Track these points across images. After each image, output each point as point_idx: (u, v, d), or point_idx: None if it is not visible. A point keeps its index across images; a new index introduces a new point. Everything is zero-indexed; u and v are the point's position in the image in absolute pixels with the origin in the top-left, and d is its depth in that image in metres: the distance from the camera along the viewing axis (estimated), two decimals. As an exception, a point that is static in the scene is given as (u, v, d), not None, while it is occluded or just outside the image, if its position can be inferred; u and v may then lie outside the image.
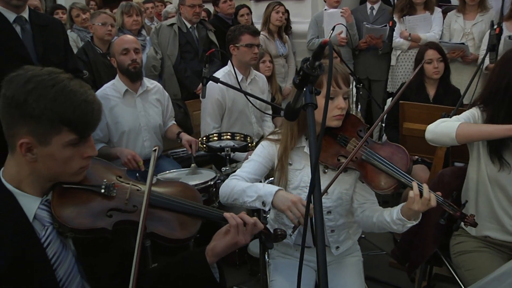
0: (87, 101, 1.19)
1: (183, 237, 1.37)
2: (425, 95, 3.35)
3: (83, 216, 1.23)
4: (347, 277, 1.96)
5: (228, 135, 2.82)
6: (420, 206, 1.63)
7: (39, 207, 1.22)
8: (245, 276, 3.02)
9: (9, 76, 1.17)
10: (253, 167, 1.92)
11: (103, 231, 1.24)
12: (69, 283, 1.25)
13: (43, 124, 1.14)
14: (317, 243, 0.94)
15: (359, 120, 1.90)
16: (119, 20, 4.29)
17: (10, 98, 1.13)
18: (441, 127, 2.02)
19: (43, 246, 1.20)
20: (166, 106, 3.21)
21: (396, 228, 1.74)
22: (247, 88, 3.27)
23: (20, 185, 1.21)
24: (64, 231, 1.22)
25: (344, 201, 1.90)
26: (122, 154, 2.79)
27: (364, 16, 4.76)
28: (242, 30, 3.18)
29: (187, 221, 1.40)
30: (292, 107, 1.21)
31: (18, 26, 2.57)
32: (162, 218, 1.37)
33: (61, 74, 1.19)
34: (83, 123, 1.19)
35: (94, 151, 1.26)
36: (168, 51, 4.08)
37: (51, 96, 1.13)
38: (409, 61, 4.40)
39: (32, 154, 1.17)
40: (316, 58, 1.08)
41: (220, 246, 1.41)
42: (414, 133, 2.95)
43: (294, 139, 1.86)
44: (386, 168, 1.73)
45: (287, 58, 4.85)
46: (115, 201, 1.31)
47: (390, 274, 3.02)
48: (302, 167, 1.89)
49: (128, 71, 2.91)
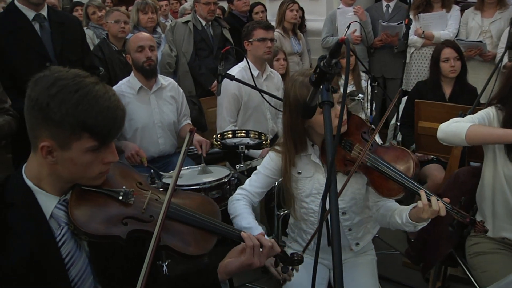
0: (110, 108, 1.16)
1: (196, 254, 1.33)
2: (441, 93, 3.31)
3: (98, 222, 1.22)
4: (360, 276, 1.95)
5: (243, 132, 2.81)
6: (429, 215, 1.63)
7: (56, 206, 1.23)
8: (258, 274, 3.02)
9: (36, 77, 1.16)
10: (260, 180, 1.96)
11: (117, 238, 1.23)
12: (81, 284, 1.25)
13: (64, 129, 1.13)
14: (333, 244, 0.93)
15: (363, 121, 1.88)
16: (135, 18, 4.32)
17: (34, 101, 1.13)
18: (452, 127, 2.00)
19: (58, 245, 1.21)
20: (180, 103, 3.22)
21: (408, 229, 1.76)
22: (262, 84, 3.29)
23: (40, 183, 1.22)
24: (78, 234, 1.22)
25: (358, 200, 1.90)
26: (126, 148, 2.80)
27: (380, 14, 4.73)
28: (255, 25, 3.22)
29: (203, 237, 1.37)
30: (308, 104, 1.21)
31: (37, 24, 2.61)
32: (177, 232, 1.33)
33: (86, 78, 1.17)
34: (104, 130, 1.16)
35: (115, 157, 1.25)
36: (183, 49, 4.09)
37: (73, 102, 1.11)
38: (423, 59, 4.35)
39: (53, 157, 1.17)
40: (333, 56, 1.08)
41: (234, 265, 1.39)
42: (430, 132, 2.91)
43: (293, 158, 1.88)
44: (392, 175, 1.71)
45: (302, 55, 4.84)
46: (132, 209, 1.29)
47: (404, 274, 3.00)
48: (311, 174, 1.89)
49: (143, 69, 2.93)
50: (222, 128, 3.15)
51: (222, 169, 2.76)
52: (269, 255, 1.41)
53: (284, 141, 1.89)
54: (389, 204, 1.87)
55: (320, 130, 1.79)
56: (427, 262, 2.32)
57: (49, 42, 2.65)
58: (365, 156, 1.74)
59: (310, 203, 1.90)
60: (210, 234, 1.38)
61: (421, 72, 4.33)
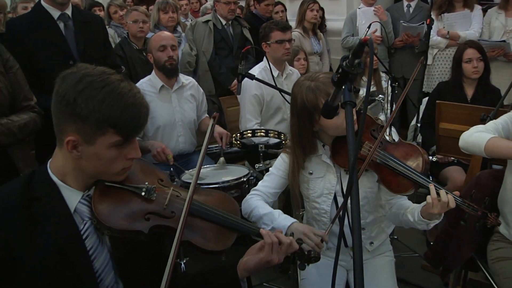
0: (135, 104, 1.19)
1: (217, 249, 1.36)
2: (463, 94, 3.26)
3: (121, 217, 1.24)
4: (379, 277, 1.94)
5: (262, 132, 2.82)
6: (439, 210, 1.61)
7: (80, 201, 1.26)
8: (275, 273, 3.03)
9: (63, 73, 1.19)
10: (272, 181, 1.96)
11: (139, 233, 1.25)
12: (104, 276, 1.28)
13: (89, 125, 1.15)
14: (354, 245, 0.93)
15: (372, 119, 1.88)
16: (155, 17, 4.37)
17: (62, 96, 1.16)
18: (473, 137, 2.01)
19: (82, 237, 1.24)
20: (200, 102, 3.24)
21: (420, 227, 1.75)
22: (283, 83, 3.30)
23: (65, 178, 1.25)
24: (101, 228, 1.24)
25: (370, 199, 1.89)
26: (152, 147, 2.84)
27: (401, 14, 4.68)
28: (272, 27, 3.19)
29: (223, 234, 1.38)
30: (329, 104, 1.21)
31: (61, 23, 2.66)
32: (198, 228, 1.35)
33: (112, 75, 1.20)
34: (129, 126, 1.19)
35: (138, 153, 1.27)
36: (203, 48, 4.12)
37: (99, 98, 1.14)
38: (447, 60, 4.29)
39: (78, 151, 1.20)
40: (356, 56, 1.07)
41: (253, 262, 1.40)
42: (451, 134, 2.87)
43: (301, 162, 1.89)
44: (402, 171, 1.71)
45: (321, 55, 4.82)
46: (154, 205, 1.31)
47: (423, 277, 2.96)
48: (323, 175, 1.90)
49: (165, 68, 2.96)
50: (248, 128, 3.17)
51: (241, 168, 2.77)
52: (288, 252, 1.42)
53: (292, 146, 1.90)
54: (402, 202, 1.86)
55: (332, 133, 1.81)
56: (446, 266, 2.29)
57: (72, 41, 2.70)
58: (374, 153, 1.74)
59: (322, 204, 1.90)
60: (230, 231, 1.40)
61: (445, 73, 4.27)
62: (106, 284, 1.28)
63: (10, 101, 2.05)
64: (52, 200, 1.22)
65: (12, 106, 2.06)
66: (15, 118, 2.02)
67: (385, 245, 2.05)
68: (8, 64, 2.08)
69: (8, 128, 1.95)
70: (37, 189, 1.23)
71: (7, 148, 2.01)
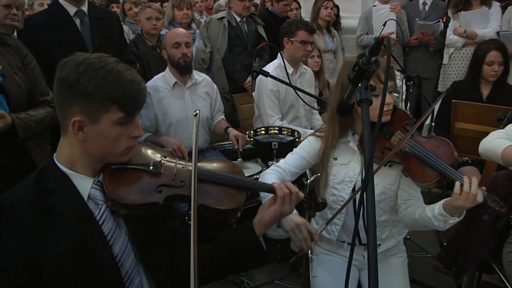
0: (134, 81, 1.24)
1: (231, 207, 1.40)
2: (478, 94, 3.22)
3: (135, 193, 1.29)
4: (391, 277, 1.93)
5: (276, 129, 2.82)
6: (464, 202, 1.58)
7: (92, 186, 1.29)
8: (286, 271, 3.03)
9: (62, 61, 1.24)
10: (295, 160, 1.96)
11: (155, 205, 1.30)
12: (124, 259, 1.31)
13: (93, 103, 1.20)
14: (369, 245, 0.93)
15: (407, 115, 1.88)
16: (170, 14, 4.38)
17: (64, 80, 1.21)
18: (491, 145, 2.04)
19: (99, 223, 1.27)
20: (214, 99, 3.25)
21: (437, 225, 1.69)
22: (296, 81, 3.30)
23: (73, 166, 1.28)
24: (117, 209, 1.27)
25: (388, 197, 1.88)
26: (167, 143, 2.86)
27: (416, 12, 4.62)
28: (300, 26, 3.19)
29: (234, 193, 1.43)
30: (345, 102, 1.20)
31: (77, 19, 2.69)
32: (209, 191, 1.40)
33: (108, 58, 1.25)
34: (130, 102, 1.24)
35: (140, 131, 1.31)
36: (217, 45, 4.13)
37: (101, 76, 1.19)
38: (463, 60, 4.21)
39: (83, 132, 1.23)
40: (372, 54, 1.07)
41: (268, 216, 1.44)
42: (467, 134, 2.85)
43: (335, 138, 1.88)
44: (430, 161, 1.70)
45: (336, 53, 4.79)
46: (163, 177, 1.36)
47: (435, 278, 2.94)
48: (347, 162, 1.89)
49: (179, 65, 2.97)
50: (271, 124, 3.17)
51: (254, 166, 2.77)
52: (297, 201, 1.47)
53: (330, 121, 1.89)
54: (419, 203, 1.85)
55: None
56: (460, 267, 2.27)
57: (88, 37, 2.72)
58: (405, 142, 1.75)
59: (341, 191, 1.89)
60: (239, 190, 1.45)
61: (461, 73, 4.19)
62: (126, 268, 1.31)
63: (28, 96, 2.08)
64: (64, 190, 1.25)
65: (29, 101, 2.10)
66: (33, 113, 2.05)
67: (398, 246, 2.04)
68: (26, 60, 2.11)
69: (26, 123, 1.98)
70: (48, 183, 1.25)
71: (24, 143, 2.04)
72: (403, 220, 1.88)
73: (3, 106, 1.92)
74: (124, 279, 1.30)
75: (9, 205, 1.22)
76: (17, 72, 2.02)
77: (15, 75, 2.00)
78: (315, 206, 1.57)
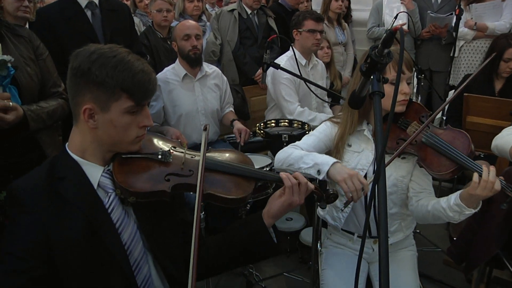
0: (144, 71, 1.26)
1: (239, 197, 1.40)
2: (491, 88, 3.18)
3: (143, 181, 1.31)
4: (401, 271, 1.93)
5: (286, 122, 2.82)
6: (483, 191, 1.56)
7: (102, 175, 1.31)
8: (295, 264, 3.04)
9: (76, 52, 1.27)
10: (313, 141, 1.93)
11: (163, 193, 1.31)
12: (133, 248, 1.32)
13: (104, 90, 1.22)
14: (380, 239, 0.92)
15: (422, 107, 1.88)
16: (181, 6, 4.37)
17: (76, 68, 1.23)
18: (502, 141, 2.04)
19: (108, 211, 1.29)
20: (224, 91, 3.25)
21: (452, 216, 1.67)
22: (309, 73, 3.31)
23: (84, 154, 1.31)
24: (126, 196, 1.30)
25: (399, 189, 1.87)
26: (168, 133, 2.88)
27: (428, 5, 4.57)
28: (306, 16, 3.23)
29: (242, 182, 1.43)
30: (357, 95, 1.19)
31: (89, 11, 2.70)
32: (217, 180, 1.41)
33: (120, 48, 1.27)
34: (140, 91, 1.25)
35: (149, 121, 1.33)
36: (228, 37, 4.11)
37: (112, 65, 1.22)
38: (474, 53, 4.16)
39: (94, 120, 1.26)
40: (385, 45, 1.05)
41: (276, 206, 1.45)
42: (479, 128, 2.81)
43: (354, 125, 1.87)
44: (446, 151, 1.70)
45: (346, 46, 4.76)
46: (172, 166, 1.38)
47: (445, 272, 2.93)
48: (361, 150, 1.89)
49: (189, 57, 2.97)
50: (293, 113, 3.14)
51: (264, 158, 2.77)
52: (307, 192, 1.46)
53: (348, 108, 1.87)
54: (431, 196, 1.84)
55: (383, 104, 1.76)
56: (470, 262, 2.25)
57: (99, 29, 2.73)
58: (421, 132, 1.74)
59: None
60: (248, 179, 1.45)
61: (471, 66, 4.15)
62: (135, 257, 1.33)
63: (40, 88, 2.09)
64: (75, 177, 1.28)
65: (41, 92, 2.11)
66: (44, 105, 2.06)
67: (408, 240, 2.03)
68: (38, 51, 2.12)
69: (37, 114, 1.99)
70: (60, 170, 1.28)
71: (35, 134, 2.05)
72: (415, 212, 1.86)
73: (15, 98, 1.93)
74: (132, 267, 1.32)
75: (21, 191, 1.24)
76: (30, 64, 2.03)
77: (28, 67, 2.01)
78: (326, 198, 1.56)
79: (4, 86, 1.87)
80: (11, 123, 1.85)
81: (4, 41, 1.96)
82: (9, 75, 1.86)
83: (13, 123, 1.86)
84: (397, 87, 0.99)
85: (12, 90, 1.92)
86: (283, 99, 3.21)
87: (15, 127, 1.89)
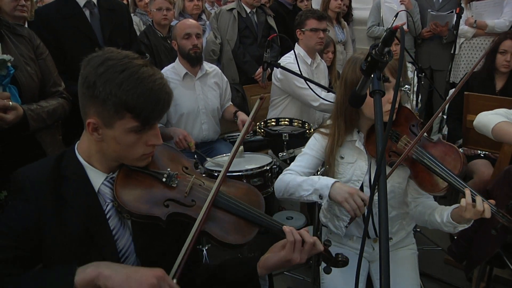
0: (153, 90, 1.16)
1: (234, 243, 1.30)
2: (492, 86, 3.17)
3: (141, 201, 1.24)
4: (401, 269, 1.93)
5: (286, 120, 2.82)
6: (472, 215, 1.58)
7: (103, 183, 1.28)
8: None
9: (89, 56, 1.21)
10: (306, 161, 1.94)
11: (157, 219, 1.24)
12: (127, 257, 1.31)
13: (107, 108, 1.16)
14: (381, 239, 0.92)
15: (412, 114, 1.85)
16: (180, 5, 4.37)
17: (84, 78, 1.18)
18: (486, 118, 2.02)
19: (106, 217, 1.27)
20: (224, 90, 3.25)
21: (447, 230, 1.72)
22: (314, 72, 3.32)
23: (90, 159, 1.29)
24: (122, 211, 1.25)
25: (397, 194, 1.87)
26: (174, 134, 2.88)
27: (429, 3, 4.56)
28: (308, 15, 3.24)
29: (244, 227, 1.33)
30: (357, 93, 1.19)
31: (87, 10, 2.70)
32: (219, 219, 1.31)
33: (135, 59, 1.19)
34: (146, 111, 1.17)
35: (158, 140, 1.26)
36: (227, 36, 4.11)
37: (117, 82, 1.14)
38: (473, 50, 4.17)
39: (98, 134, 1.22)
40: (385, 44, 1.05)
41: (273, 260, 1.35)
42: (479, 126, 2.80)
43: (342, 137, 1.86)
44: (437, 170, 1.67)
45: (346, 44, 4.76)
46: (175, 192, 1.30)
47: (445, 271, 2.93)
48: (354, 160, 1.88)
49: (189, 56, 2.97)
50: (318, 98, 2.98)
51: (264, 157, 2.77)
52: (311, 252, 1.34)
53: (335, 118, 1.87)
54: (429, 202, 1.84)
55: (368, 113, 1.77)
56: (471, 261, 2.25)
57: (98, 28, 2.73)
58: (412, 148, 1.71)
59: None
60: (251, 225, 1.34)
61: (471, 64, 4.16)
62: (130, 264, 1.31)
63: (40, 87, 2.09)
64: (78, 180, 1.26)
65: (41, 91, 2.10)
66: (44, 104, 2.06)
67: (408, 238, 2.03)
68: (39, 51, 2.11)
69: (37, 114, 1.99)
70: (65, 169, 1.27)
71: (36, 134, 2.05)
72: (414, 217, 1.90)
73: (15, 98, 1.93)
74: None
75: (25, 178, 1.23)
76: (30, 63, 2.03)
77: (28, 66, 2.01)
78: (334, 262, 1.44)
79: (4, 86, 1.87)
80: (11, 122, 1.84)
81: (4, 40, 1.96)
82: (9, 74, 1.85)
83: (13, 123, 1.85)
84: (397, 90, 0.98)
85: (12, 89, 1.92)
86: (300, 89, 3.14)
87: (15, 127, 1.89)
